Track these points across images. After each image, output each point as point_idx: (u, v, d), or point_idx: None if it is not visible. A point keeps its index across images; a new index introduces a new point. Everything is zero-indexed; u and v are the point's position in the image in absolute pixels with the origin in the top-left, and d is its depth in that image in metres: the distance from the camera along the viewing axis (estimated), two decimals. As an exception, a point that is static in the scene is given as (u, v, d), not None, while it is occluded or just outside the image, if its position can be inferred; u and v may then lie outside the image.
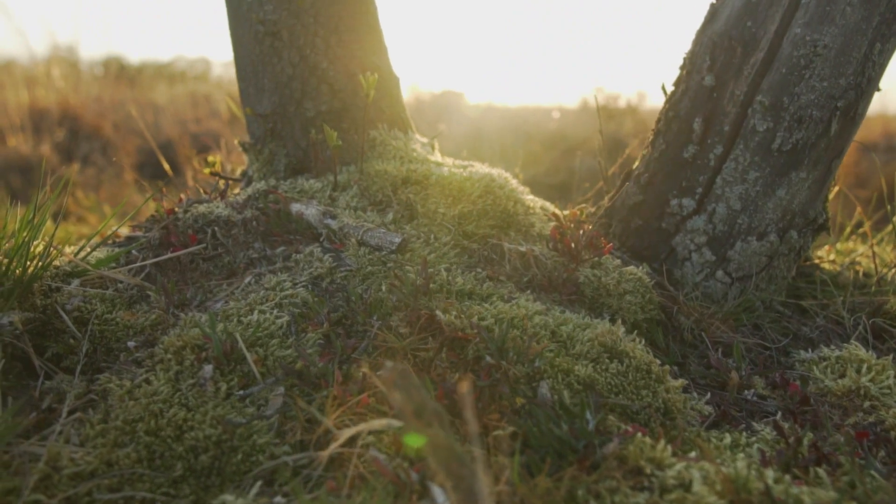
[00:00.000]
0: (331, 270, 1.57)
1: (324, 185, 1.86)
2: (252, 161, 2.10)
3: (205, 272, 1.64)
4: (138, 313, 1.49)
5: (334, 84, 1.96)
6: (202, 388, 1.27)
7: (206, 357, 1.32)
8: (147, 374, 1.31)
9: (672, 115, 1.87)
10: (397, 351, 1.40)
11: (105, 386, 1.31)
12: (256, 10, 1.94)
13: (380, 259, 1.59)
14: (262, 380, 1.31)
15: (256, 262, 1.64)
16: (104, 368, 1.39)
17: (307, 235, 1.70)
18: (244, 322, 1.42)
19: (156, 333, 1.44)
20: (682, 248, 1.84)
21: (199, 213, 1.74)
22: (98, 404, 1.30)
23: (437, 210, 1.75)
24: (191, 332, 1.38)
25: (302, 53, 1.94)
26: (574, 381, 1.32)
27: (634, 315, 1.63)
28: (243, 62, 2.04)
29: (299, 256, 1.62)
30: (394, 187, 1.80)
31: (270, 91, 1.98)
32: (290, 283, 1.53)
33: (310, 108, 1.96)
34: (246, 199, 1.80)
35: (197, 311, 1.51)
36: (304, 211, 1.72)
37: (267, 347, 1.37)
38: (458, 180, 1.80)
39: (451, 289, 1.54)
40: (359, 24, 2.01)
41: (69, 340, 1.43)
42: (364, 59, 2.01)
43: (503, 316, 1.45)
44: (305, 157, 1.99)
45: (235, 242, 1.68)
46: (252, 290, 1.53)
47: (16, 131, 4.90)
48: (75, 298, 1.46)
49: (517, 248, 1.71)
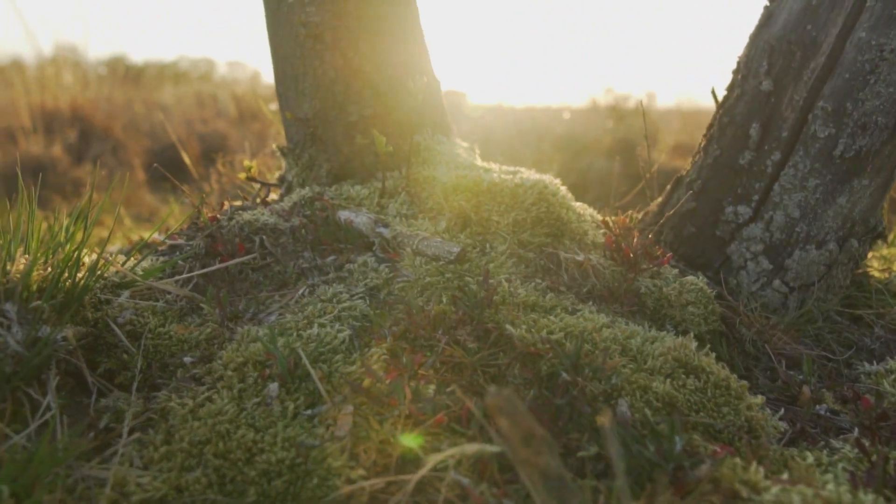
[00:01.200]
0: (387, 281, 1.52)
1: (370, 191, 1.81)
2: (290, 166, 2.04)
3: (255, 283, 1.58)
4: (191, 326, 1.44)
5: (378, 87, 1.91)
6: (268, 407, 1.22)
7: (271, 374, 1.27)
8: (209, 391, 1.26)
9: (727, 120, 1.83)
10: (466, 366, 1.35)
11: (164, 405, 1.26)
12: (298, 12, 1.89)
13: (437, 269, 1.54)
14: (329, 398, 1.26)
15: (308, 272, 1.59)
16: (160, 385, 1.34)
17: (358, 244, 1.64)
18: (304, 336, 1.37)
19: (212, 348, 1.38)
20: (738, 257, 1.80)
21: (244, 220, 1.68)
22: (158, 424, 1.24)
23: (490, 218, 1.70)
24: (250, 348, 1.33)
25: (345, 56, 1.89)
26: (653, 399, 1.27)
27: (698, 327, 1.58)
28: (283, 65, 1.99)
29: (353, 266, 1.56)
30: (444, 194, 1.75)
31: (311, 95, 1.93)
32: (346, 294, 1.48)
33: (353, 113, 1.91)
34: (292, 207, 1.75)
35: (250, 324, 1.46)
36: (353, 219, 1.67)
37: (331, 363, 1.32)
38: (511, 187, 1.75)
39: (513, 300, 1.50)
40: (402, 26, 1.96)
41: (122, 356, 1.37)
42: (408, 61, 1.96)
43: (571, 329, 1.40)
44: (347, 162, 1.94)
45: (284, 252, 1.63)
46: (307, 301, 1.48)
47: (27, 132, 4.81)
48: (127, 311, 1.41)
49: (574, 258, 1.66)
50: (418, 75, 1.98)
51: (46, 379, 1.28)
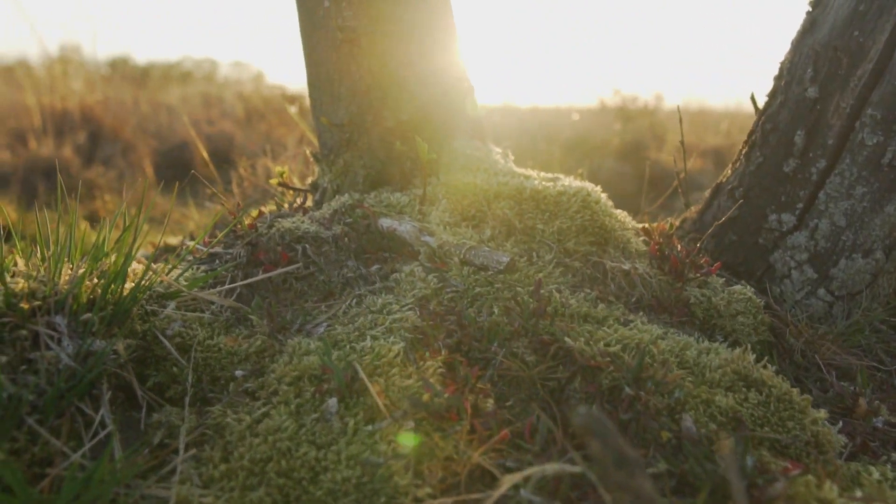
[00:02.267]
0: (436, 291, 1.50)
1: (410, 199, 1.78)
2: (324, 172, 2.02)
3: (299, 293, 1.56)
4: (239, 339, 1.41)
5: (415, 93, 1.88)
6: (328, 423, 1.19)
7: (328, 389, 1.24)
8: (264, 407, 1.23)
9: (770, 127, 1.81)
10: (523, 380, 1.33)
11: (219, 420, 1.23)
12: (335, 17, 1.86)
13: (486, 279, 1.52)
14: (389, 413, 1.23)
15: (353, 281, 1.56)
16: (212, 399, 1.31)
17: (402, 253, 1.62)
18: (357, 349, 1.35)
19: (263, 361, 1.35)
20: (782, 265, 1.78)
21: (285, 228, 1.66)
22: (213, 440, 1.22)
23: (535, 226, 1.67)
24: (304, 361, 1.30)
25: (382, 61, 1.86)
26: (716, 413, 1.25)
27: (748, 337, 1.56)
28: (317, 70, 1.96)
29: (399, 276, 1.54)
30: (486, 202, 1.73)
31: (347, 100, 1.90)
32: (396, 305, 1.45)
33: (389, 118, 1.88)
34: (332, 214, 1.72)
35: (298, 335, 1.43)
36: (396, 227, 1.64)
37: (387, 377, 1.29)
38: (553, 194, 1.73)
39: (565, 311, 1.47)
40: (438, 31, 1.93)
41: (172, 369, 1.34)
42: (445, 66, 1.93)
43: (628, 342, 1.38)
44: (384, 168, 1.91)
45: (328, 261, 1.60)
46: (356, 312, 1.46)
47: (36, 134, 4.76)
48: (175, 323, 1.38)
49: (620, 267, 1.64)
50: (456, 80, 1.96)
51: (99, 394, 1.25)
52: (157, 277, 1.39)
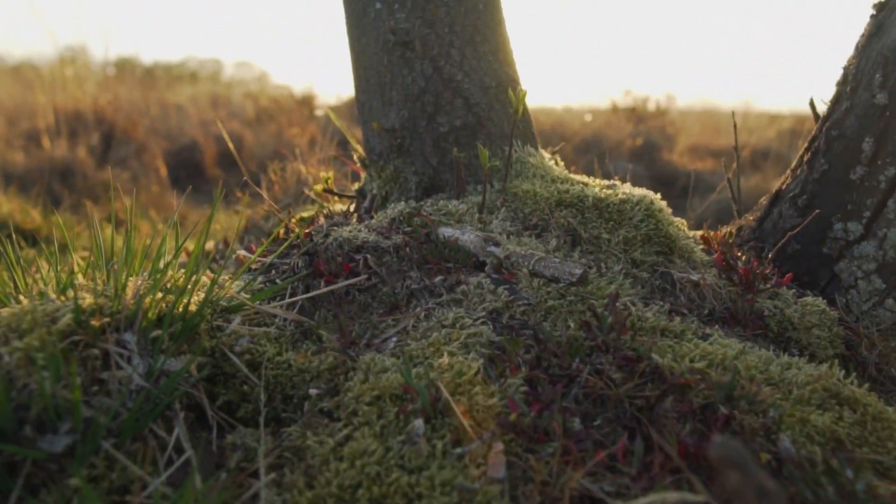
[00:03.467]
0: (507, 304, 1.45)
1: (469, 206, 1.73)
2: (373, 178, 1.96)
3: (363, 305, 1.50)
4: (307, 354, 1.35)
5: (469, 98, 1.83)
6: (415, 446, 1.14)
7: (413, 410, 1.19)
8: (346, 428, 1.18)
9: (835, 133, 1.77)
10: (609, 398, 1.28)
11: (298, 442, 1.18)
12: (387, 19, 1.81)
13: (558, 292, 1.47)
14: (475, 435, 1.18)
15: (418, 293, 1.51)
16: (286, 420, 1.26)
17: (466, 263, 1.57)
18: (435, 366, 1.29)
19: (336, 378, 1.30)
20: (847, 275, 1.74)
21: (343, 238, 1.60)
22: (294, 464, 1.16)
23: (600, 235, 1.63)
24: (382, 380, 1.25)
25: (436, 65, 1.81)
26: (813, 433, 1.21)
27: (825, 351, 1.52)
28: (367, 73, 1.90)
29: (467, 288, 1.49)
30: (548, 210, 1.68)
31: (399, 104, 1.85)
32: (469, 319, 1.40)
33: (443, 124, 1.83)
34: (390, 222, 1.67)
35: (367, 350, 1.38)
36: (459, 236, 1.59)
37: (470, 396, 1.24)
38: (616, 202, 1.69)
39: (642, 325, 1.43)
40: (492, 34, 1.88)
41: (242, 387, 1.29)
42: (498, 70, 1.88)
43: (712, 357, 1.34)
44: (437, 174, 1.86)
45: (390, 271, 1.55)
46: (428, 326, 1.41)
47: (51, 135, 4.67)
48: (243, 339, 1.32)
49: (688, 277, 1.59)
50: (510, 85, 1.91)
51: (171, 415, 1.19)
52: (222, 291, 1.34)
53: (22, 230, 2.88)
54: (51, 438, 1.06)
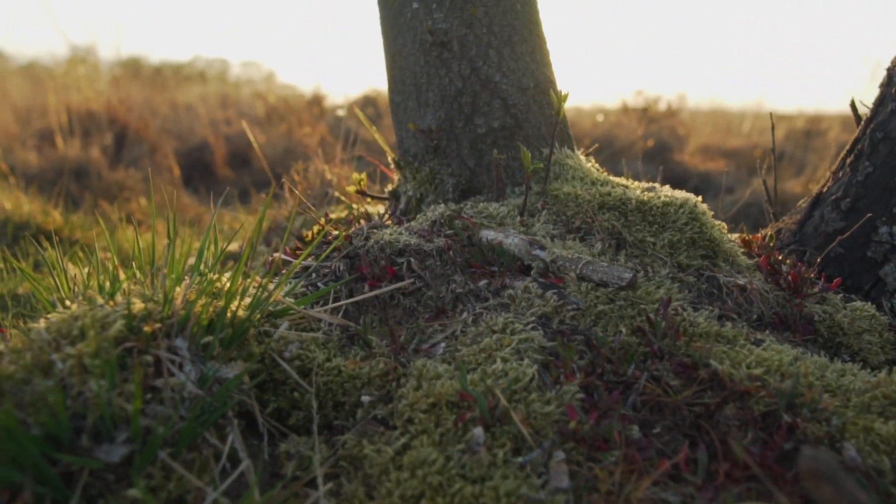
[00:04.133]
0: (556, 309, 1.42)
1: (509, 209, 1.71)
2: (407, 179, 1.94)
3: (408, 309, 1.48)
4: (356, 360, 1.33)
5: (507, 99, 1.81)
6: (475, 455, 1.12)
7: (471, 418, 1.17)
8: (403, 437, 1.16)
9: (880, 136, 1.74)
10: (666, 405, 1.26)
11: (354, 451, 1.15)
12: (424, 19, 1.78)
13: (607, 296, 1.44)
14: (535, 443, 1.16)
15: (463, 297, 1.49)
16: (339, 427, 1.23)
17: (510, 267, 1.54)
18: (489, 372, 1.27)
19: (388, 385, 1.28)
20: (893, 279, 1.72)
21: (384, 241, 1.58)
22: (350, 473, 1.14)
23: (644, 239, 1.60)
24: (437, 387, 1.22)
25: (473, 65, 1.79)
26: (878, 441, 1.19)
27: (876, 356, 1.50)
28: (402, 74, 1.88)
29: (514, 293, 1.46)
30: (591, 212, 1.66)
31: (435, 105, 1.82)
32: (519, 324, 1.38)
33: (481, 125, 1.81)
34: (430, 225, 1.64)
35: (416, 356, 1.35)
36: (503, 240, 1.57)
37: (527, 403, 1.21)
38: (659, 205, 1.66)
39: (694, 330, 1.40)
40: (530, 34, 1.86)
41: (292, 394, 1.26)
42: (536, 71, 1.86)
43: (769, 364, 1.31)
44: (473, 176, 1.84)
45: (433, 275, 1.52)
46: (478, 332, 1.38)
47: (64, 134, 4.64)
48: (292, 345, 1.30)
49: (735, 281, 1.57)
50: (547, 86, 1.89)
51: (224, 423, 1.17)
52: (269, 295, 1.31)
53: (43, 230, 2.86)
54: (107, 448, 1.03)
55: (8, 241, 2.71)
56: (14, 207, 2.91)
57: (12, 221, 2.79)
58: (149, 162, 4.72)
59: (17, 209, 2.90)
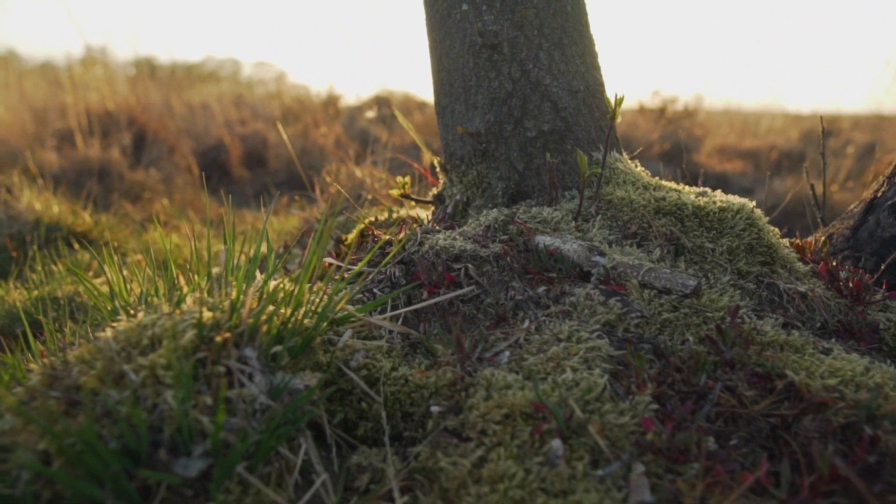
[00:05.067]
0: (620, 317, 1.40)
1: (563, 213, 1.68)
2: (453, 183, 1.92)
3: (468, 317, 1.46)
4: (421, 369, 1.31)
5: (558, 102, 1.78)
6: (554, 467, 1.09)
7: (548, 429, 1.14)
8: (478, 449, 1.13)
9: (938, 139, 1.72)
10: (741, 416, 1.23)
11: (428, 463, 1.13)
12: (474, 21, 1.76)
13: (671, 304, 1.42)
14: (612, 455, 1.13)
15: (523, 304, 1.46)
16: (409, 439, 1.21)
17: (570, 273, 1.52)
18: (559, 382, 1.25)
19: (457, 395, 1.25)
20: (951, 286, 1.69)
21: (440, 246, 1.56)
22: (424, 486, 1.12)
23: (703, 245, 1.58)
24: (508, 397, 1.20)
25: (524, 68, 1.76)
26: (962, 455, 1.16)
27: (943, 365, 1.47)
28: (450, 76, 1.85)
29: (575, 300, 1.44)
30: (646, 217, 1.63)
31: (484, 108, 1.80)
32: (585, 332, 1.35)
33: (530, 128, 1.78)
34: (484, 230, 1.62)
35: (480, 364, 1.33)
36: (560, 245, 1.54)
37: (601, 414, 1.19)
38: (715, 210, 1.64)
39: (762, 339, 1.38)
40: (580, 36, 1.83)
41: (360, 404, 1.24)
42: (586, 74, 1.83)
43: (842, 374, 1.29)
44: (522, 180, 1.81)
45: (491, 281, 1.50)
46: (542, 340, 1.36)
47: (84, 135, 4.62)
48: (358, 354, 1.28)
49: (796, 289, 1.54)
50: (597, 89, 1.87)
51: (294, 434, 1.14)
52: (338, 302, 1.29)
53: (74, 232, 2.84)
54: (185, 462, 1.01)
55: (40, 243, 2.69)
56: (44, 208, 2.89)
57: (43, 223, 2.77)
58: (168, 162, 4.70)
59: (46, 210, 2.89)
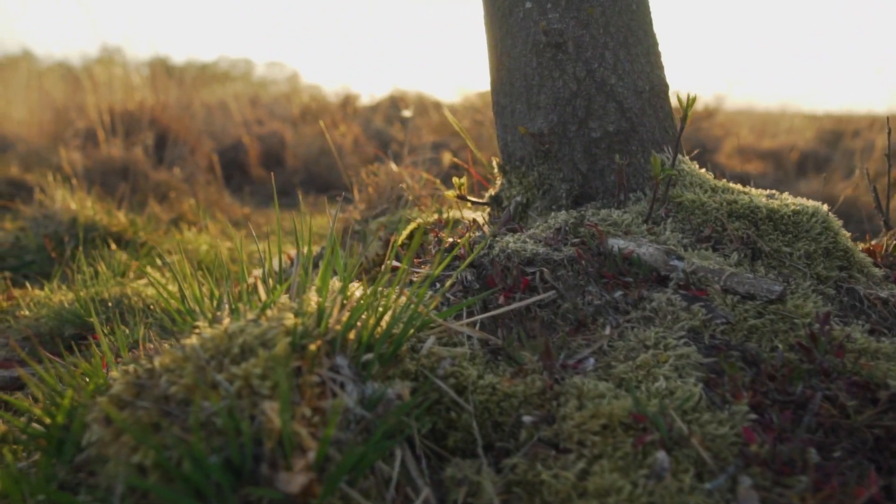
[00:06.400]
0: (705, 323, 1.36)
1: (633, 216, 1.64)
2: (512, 184, 1.88)
3: (546, 322, 1.42)
4: (507, 376, 1.27)
5: (623, 102, 1.74)
6: (661, 481, 1.06)
7: (651, 441, 1.11)
8: (579, 461, 1.10)
9: None
10: (841, 427, 1.20)
11: (527, 476, 1.09)
12: (538, 19, 1.72)
13: (756, 310, 1.38)
14: (716, 467, 1.10)
15: (602, 309, 1.42)
16: (502, 450, 1.17)
17: (645, 278, 1.48)
18: (653, 391, 1.21)
19: (548, 404, 1.21)
20: None
21: (510, 249, 1.52)
22: (522, 499, 1.08)
23: (780, 249, 1.54)
24: (604, 406, 1.16)
25: (589, 67, 1.73)
26: None
27: None
28: (511, 76, 1.82)
29: (656, 305, 1.40)
30: (720, 220, 1.59)
31: (547, 109, 1.76)
32: (671, 339, 1.31)
33: (595, 129, 1.74)
34: (555, 233, 1.58)
35: (564, 371, 1.29)
36: (635, 249, 1.50)
37: (700, 424, 1.15)
38: (789, 214, 1.60)
39: (852, 346, 1.34)
40: (644, 36, 1.80)
41: (448, 414, 1.20)
42: (651, 73, 1.80)
43: (941, 383, 1.25)
44: (586, 182, 1.78)
45: (566, 286, 1.46)
46: (628, 346, 1.32)
47: (106, 134, 4.59)
48: (445, 361, 1.24)
49: (877, 294, 1.51)
50: (662, 89, 1.83)
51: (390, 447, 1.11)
52: (427, 308, 1.25)
53: (110, 232, 2.81)
54: (286, 477, 0.97)
55: (77, 243, 2.65)
56: (79, 208, 2.85)
57: (79, 223, 2.74)
58: (189, 162, 4.67)
59: (82, 210, 2.85)
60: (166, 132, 4.86)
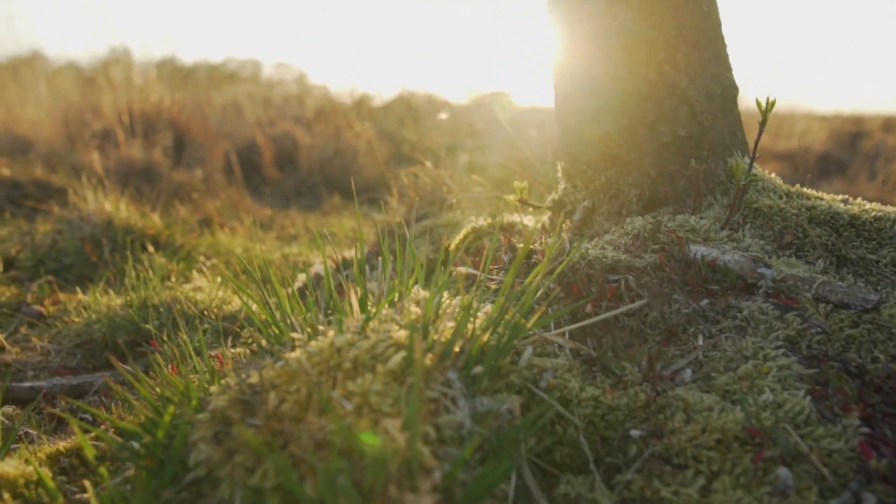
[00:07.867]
0: (800, 333, 1.34)
1: (710, 222, 1.62)
2: (577, 188, 1.85)
3: (635, 331, 1.39)
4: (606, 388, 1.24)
5: (695, 105, 1.72)
6: (785, 498, 1.03)
7: (771, 456, 1.08)
8: (698, 477, 1.07)
9: None
10: (956, 440, 1.17)
11: (644, 493, 1.07)
12: (609, 21, 1.69)
13: (851, 319, 1.36)
14: (836, 483, 1.07)
15: (691, 318, 1.40)
16: (612, 466, 1.14)
17: (732, 286, 1.45)
18: (759, 403, 1.18)
19: (654, 417, 1.18)
20: None
21: (591, 256, 1.49)
22: (645, 517, 1.05)
23: (865, 256, 1.52)
24: (715, 420, 1.14)
25: (660, 70, 1.70)
26: None
27: None
28: (577, 79, 1.79)
29: (747, 314, 1.37)
30: (800, 227, 1.57)
31: (617, 112, 1.73)
32: (769, 349, 1.29)
33: (665, 133, 1.72)
34: (633, 239, 1.55)
35: (661, 382, 1.26)
36: (718, 256, 1.48)
37: (815, 439, 1.13)
38: (871, 220, 1.58)
39: (952, 356, 1.32)
40: (715, 38, 1.77)
41: (554, 427, 1.17)
42: (721, 76, 1.77)
43: None
44: (655, 186, 1.75)
45: (652, 294, 1.44)
46: (726, 357, 1.29)
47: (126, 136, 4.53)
48: (547, 373, 1.21)
49: (963, 301, 1.48)
50: (732, 92, 1.80)
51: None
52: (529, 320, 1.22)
53: (146, 235, 2.76)
54: (413, 499, 0.94)
55: (114, 246, 2.60)
56: (114, 210, 2.80)
57: (115, 225, 2.69)
58: (208, 163, 4.62)
59: (116, 212, 2.80)
60: (184, 133, 4.81)
